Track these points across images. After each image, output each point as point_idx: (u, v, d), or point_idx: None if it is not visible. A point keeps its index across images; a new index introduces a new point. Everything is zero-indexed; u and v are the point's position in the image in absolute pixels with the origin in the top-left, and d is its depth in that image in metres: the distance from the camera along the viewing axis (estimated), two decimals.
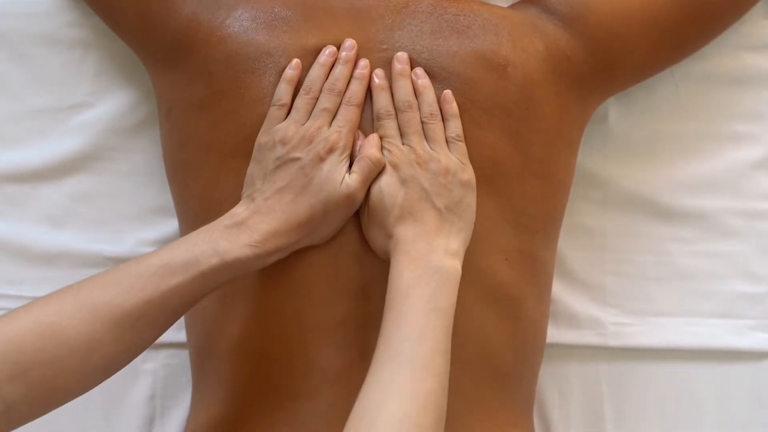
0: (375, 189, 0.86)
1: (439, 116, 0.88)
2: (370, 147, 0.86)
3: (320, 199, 0.84)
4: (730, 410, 1.06)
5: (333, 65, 0.89)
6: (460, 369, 0.83)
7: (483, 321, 0.89)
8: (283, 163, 0.86)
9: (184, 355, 1.05)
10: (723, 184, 1.07)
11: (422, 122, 0.88)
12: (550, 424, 1.06)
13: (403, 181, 0.85)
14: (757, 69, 1.06)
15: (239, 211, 0.84)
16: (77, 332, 0.76)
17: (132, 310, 0.78)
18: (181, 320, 1.00)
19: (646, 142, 1.07)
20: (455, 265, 0.83)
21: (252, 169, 0.87)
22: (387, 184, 0.85)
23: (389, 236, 0.84)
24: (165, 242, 1.06)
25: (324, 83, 0.89)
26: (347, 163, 0.86)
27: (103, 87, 1.06)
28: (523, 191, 0.91)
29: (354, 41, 0.90)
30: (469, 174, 0.87)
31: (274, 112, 0.88)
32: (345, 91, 0.88)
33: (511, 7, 0.97)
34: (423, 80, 0.89)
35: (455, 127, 0.88)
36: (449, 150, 0.87)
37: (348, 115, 0.88)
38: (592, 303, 1.07)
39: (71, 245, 1.06)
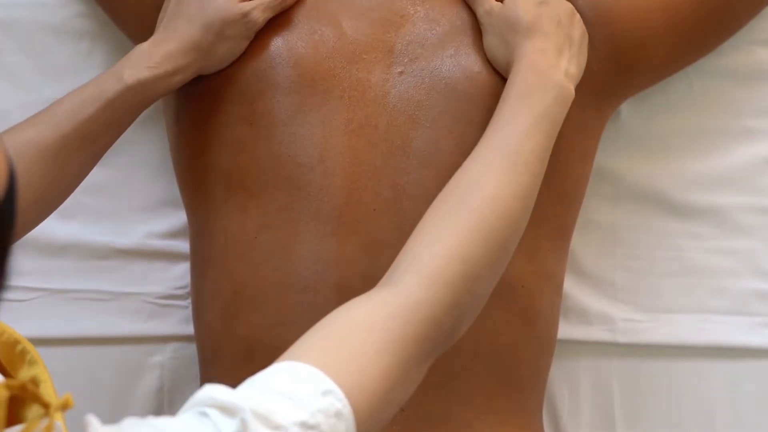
0: (510, 1, 0.87)
1: None
2: None
3: (215, 16, 0.87)
4: (742, 408, 1.05)
5: None
6: (473, 374, 0.83)
7: (496, 323, 0.88)
8: None
9: (191, 349, 1.04)
10: (736, 180, 1.06)
11: None
12: (559, 420, 1.06)
13: (540, 2, 0.87)
14: None
15: (140, 44, 0.89)
16: None
17: (50, 145, 0.84)
18: (189, 317, 1.00)
19: (658, 137, 1.06)
20: (571, 88, 0.85)
21: (164, 5, 0.92)
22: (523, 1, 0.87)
23: (514, 47, 0.86)
24: (173, 234, 1.06)
25: None
26: None
27: None
28: (538, 214, 0.90)
29: None
30: (584, 29, 0.90)
31: None
32: None
33: None
34: None
35: None
36: None
37: None
38: (603, 299, 1.06)
39: (79, 236, 1.06)
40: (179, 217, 1.05)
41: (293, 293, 0.87)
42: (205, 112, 0.91)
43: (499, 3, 0.88)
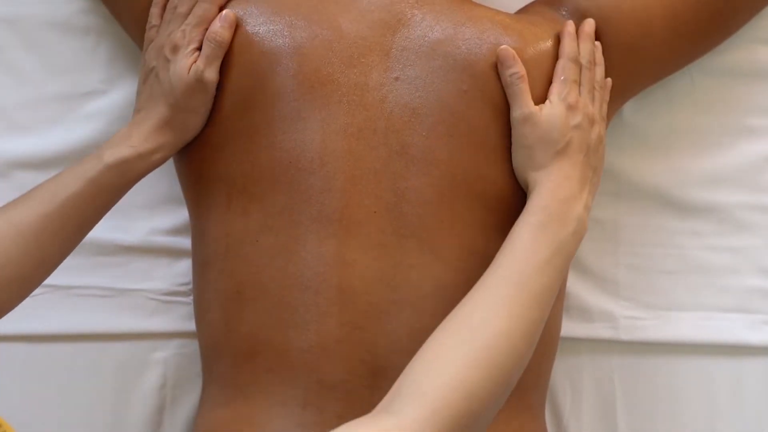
0: (548, 115, 0.87)
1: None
2: (213, 25, 0.90)
3: (176, 94, 0.89)
4: (744, 405, 1.05)
5: None
6: None
7: None
8: (145, 76, 0.93)
9: (194, 345, 1.04)
10: (737, 178, 1.06)
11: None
12: (561, 418, 1.06)
13: (576, 126, 0.88)
14: None
15: (120, 130, 0.91)
16: None
17: (31, 224, 0.85)
18: (192, 314, 1.00)
19: (660, 135, 1.07)
20: (587, 223, 0.86)
21: (137, 91, 0.95)
22: (561, 119, 0.87)
23: (540, 163, 0.86)
24: (177, 230, 1.06)
25: None
26: (194, 56, 0.90)
27: (116, 74, 1.06)
28: None
29: None
30: (603, 157, 0.92)
31: (146, 35, 0.94)
32: None
33: (528, 15, 0.96)
34: (601, 56, 0.92)
35: (605, 110, 0.93)
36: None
37: (198, 11, 0.91)
38: (605, 296, 1.06)
39: None
40: (183, 214, 1.05)
41: (295, 293, 0.87)
42: (206, 124, 0.92)
43: (537, 110, 0.87)
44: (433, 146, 0.87)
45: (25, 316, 1.04)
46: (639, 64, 0.95)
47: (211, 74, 0.89)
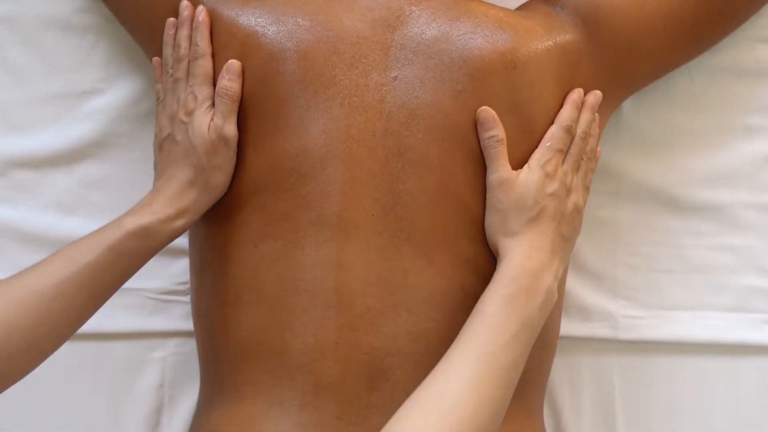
0: (524, 180, 0.86)
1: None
2: (220, 80, 0.89)
3: (198, 153, 0.88)
4: (742, 405, 1.05)
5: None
6: None
7: None
8: (160, 145, 0.92)
9: (192, 344, 1.04)
10: (737, 177, 1.06)
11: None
12: (560, 417, 1.06)
13: (551, 194, 0.87)
14: None
15: (144, 196, 0.90)
16: None
17: (45, 292, 0.81)
18: (189, 311, 1.00)
19: (660, 134, 1.06)
20: (556, 294, 0.86)
21: (154, 162, 0.93)
22: (537, 185, 0.86)
23: (513, 231, 0.85)
24: None
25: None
26: (211, 112, 0.89)
27: (115, 73, 1.06)
28: None
29: (188, 2, 0.92)
30: (579, 228, 0.91)
31: (156, 110, 0.94)
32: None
33: (524, 10, 0.95)
34: (597, 129, 0.93)
35: (590, 180, 0.93)
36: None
37: (197, 70, 0.90)
38: (604, 295, 1.06)
39: (81, 232, 1.02)
40: None
41: (292, 296, 0.87)
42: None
43: (514, 175, 0.87)
44: (428, 150, 0.87)
45: None
46: (637, 61, 0.95)
47: (231, 129, 0.88)
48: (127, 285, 1.03)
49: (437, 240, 0.87)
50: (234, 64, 0.89)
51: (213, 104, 0.89)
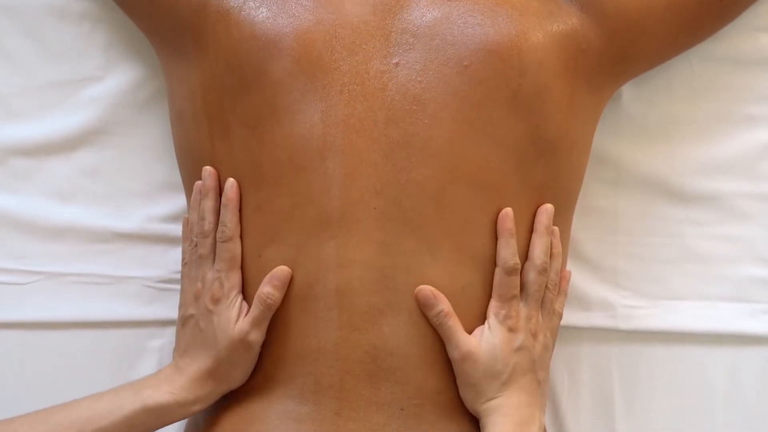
0: (487, 347, 0.85)
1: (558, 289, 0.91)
2: (264, 285, 0.86)
3: (219, 349, 0.86)
4: (742, 395, 1.05)
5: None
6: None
7: None
8: (184, 321, 0.90)
9: None
10: (737, 167, 1.05)
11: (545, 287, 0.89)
12: (559, 406, 1.06)
13: (518, 349, 0.86)
14: None
15: (164, 368, 0.89)
16: None
17: None
18: None
19: (659, 123, 1.06)
20: None
21: (176, 330, 0.92)
22: (502, 347, 0.85)
23: (489, 399, 0.84)
24: (173, 218, 1.06)
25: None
26: (237, 305, 0.87)
27: (113, 61, 1.06)
28: (536, 197, 0.90)
29: (213, 170, 0.89)
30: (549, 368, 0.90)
31: (181, 271, 0.92)
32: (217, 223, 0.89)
33: None
34: (559, 246, 0.90)
35: (561, 304, 0.92)
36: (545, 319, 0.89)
37: (224, 254, 0.88)
38: (604, 285, 1.06)
39: (78, 220, 1.05)
40: (179, 201, 1.04)
41: (294, 301, 0.86)
42: (210, 107, 0.90)
43: (475, 346, 0.84)
44: (435, 135, 0.85)
45: (20, 304, 1.04)
46: (636, 44, 0.94)
47: (257, 336, 0.86)
48: (125, 273, 1.05)
49: (443, 232, 0.86)
50: (283, 271, 0.86)
51: (240, 292, 0.87)
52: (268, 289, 0.85)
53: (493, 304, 0.86)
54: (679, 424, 1.05)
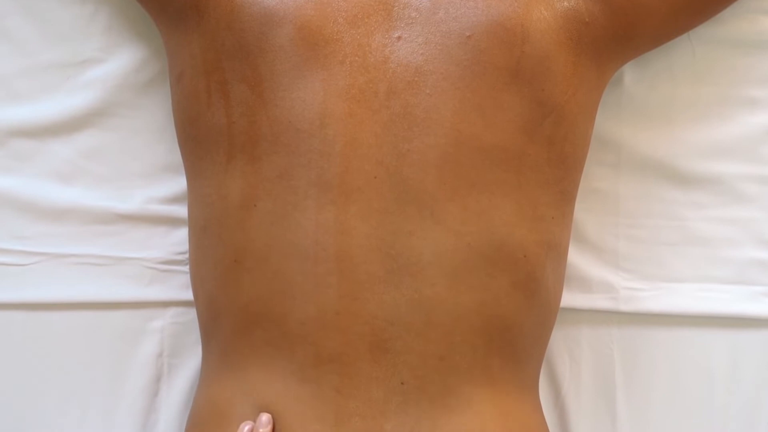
0: None
1: None
2: None
3: None
4: (742, 377, 1.05)
5: None
6: (472, 348, 0.85)
7: (497, 295, 0.88)
8: None
9: (191, 314, 1.04)
10: (738, 150, 1.06)
11: None
12: (560, 388, 1.06)
13: None
14: None
15: None
16: None
17: None
18: (188, 281, 1.00)
19: (661, 105, 1.06)
20: None
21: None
22: None
23: None
24: (174, 199, 1.06)
25: None
26: None
27: (115, 42, 1.06)
28: (539, 179, 0.90)
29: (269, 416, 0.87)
30: None
31: None
32: None
33: None
34: None
35: None
36: None
37: None
38: (605, 267, 1.06)
39: (79, 201, 1.05)
40: (180, 182, 1.04)
41: (293, 262, 0.86)
42: (209, 65, 0.90)
43: None
44: (438, 104, 0.86)
45: (21, 285, 1.04)
46: (638, 19, 0.94)
47: None
48: (125, 254, 1.05)
49: (447, 194, 0.86)
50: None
51: None
52: None
53: None
54: (680, 406, 1.05)
